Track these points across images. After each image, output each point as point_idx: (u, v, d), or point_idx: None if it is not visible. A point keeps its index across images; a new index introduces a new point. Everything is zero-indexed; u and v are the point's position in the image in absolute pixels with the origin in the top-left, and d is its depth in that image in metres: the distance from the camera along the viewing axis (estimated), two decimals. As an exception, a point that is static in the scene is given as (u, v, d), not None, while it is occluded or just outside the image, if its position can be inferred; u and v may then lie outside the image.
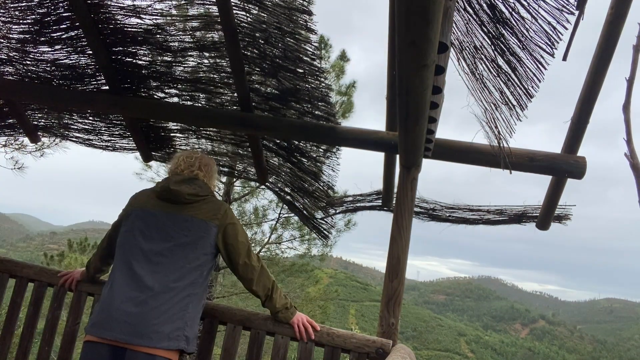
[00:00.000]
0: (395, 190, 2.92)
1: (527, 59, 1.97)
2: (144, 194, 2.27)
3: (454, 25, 1.86)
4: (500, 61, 2.00)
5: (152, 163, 8.48)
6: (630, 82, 3.41)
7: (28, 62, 3.36)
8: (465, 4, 1.88)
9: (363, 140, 2.84)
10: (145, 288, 1.99)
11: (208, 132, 3.59)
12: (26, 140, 3.96)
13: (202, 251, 2.10)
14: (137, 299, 1.97)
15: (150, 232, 2.11)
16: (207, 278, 2.17)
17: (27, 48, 3.27)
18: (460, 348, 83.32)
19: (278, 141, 3.42)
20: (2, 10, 3.08)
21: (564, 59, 2.11)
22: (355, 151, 2.96)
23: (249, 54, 2.91)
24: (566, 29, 1.81)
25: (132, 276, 2.03)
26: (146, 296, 1.98)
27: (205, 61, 3.11)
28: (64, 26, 3.10)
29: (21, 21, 3.14)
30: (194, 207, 2.16)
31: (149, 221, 2.13)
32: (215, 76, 3.16)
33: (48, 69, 3.36)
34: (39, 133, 3.87)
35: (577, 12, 1.85)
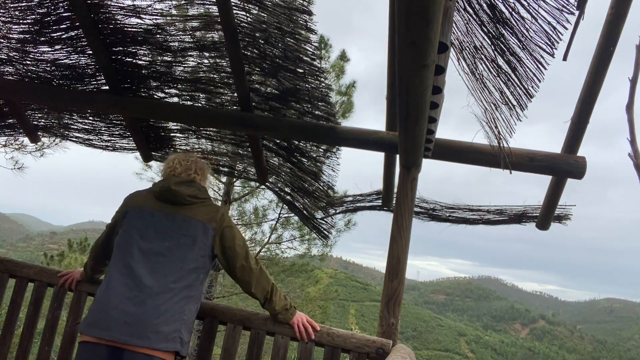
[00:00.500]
0: (395, 190, 2.91)
1: (527, 59, 1.97)
2: (139, 194, 2.26)
3: (454, 25, 1.86)
4: (500, 61, 2.00)
5: (152, 163, 8.47)
6: (634, 82, 3.39)
7: (28, 62, 3.36)
8: (465, 4, 1.88)
9: (363, 140, 2.84)
10: (145, 287, 1.98)
11: (208, 132, 3.58)
12: (26, 140, 3.96)
13: (200, 252, 2.10)
14: (135, 298, 1.96)
15: (148, 231, 2.10)
16: (203, 282, 2.16)
17: (27, 48, 3.27)
18: (460, 348, 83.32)
19: (278, 141, 3.42)
20: (2, 10, 3.08)
21: (564, 59, 2.11)
22: (355, 151, 2.96)
23: (249, 54, 2.91)
24: (566, 29, 1.81)
25: (131, 275, 2.02)
26: (145, 295, 1.97)
27: (205, 61, 3.11)
28: (64, 26, 3.10)
29: (21, 21, 3.13)
30: (192, 209, 2.16)
31: (147, 221, 2.13)
32: (215, 76, 3.16)
33: (48, 69, 3.36)
34: (39, 133, 3.87)
35: (577, 12, 1.85)
